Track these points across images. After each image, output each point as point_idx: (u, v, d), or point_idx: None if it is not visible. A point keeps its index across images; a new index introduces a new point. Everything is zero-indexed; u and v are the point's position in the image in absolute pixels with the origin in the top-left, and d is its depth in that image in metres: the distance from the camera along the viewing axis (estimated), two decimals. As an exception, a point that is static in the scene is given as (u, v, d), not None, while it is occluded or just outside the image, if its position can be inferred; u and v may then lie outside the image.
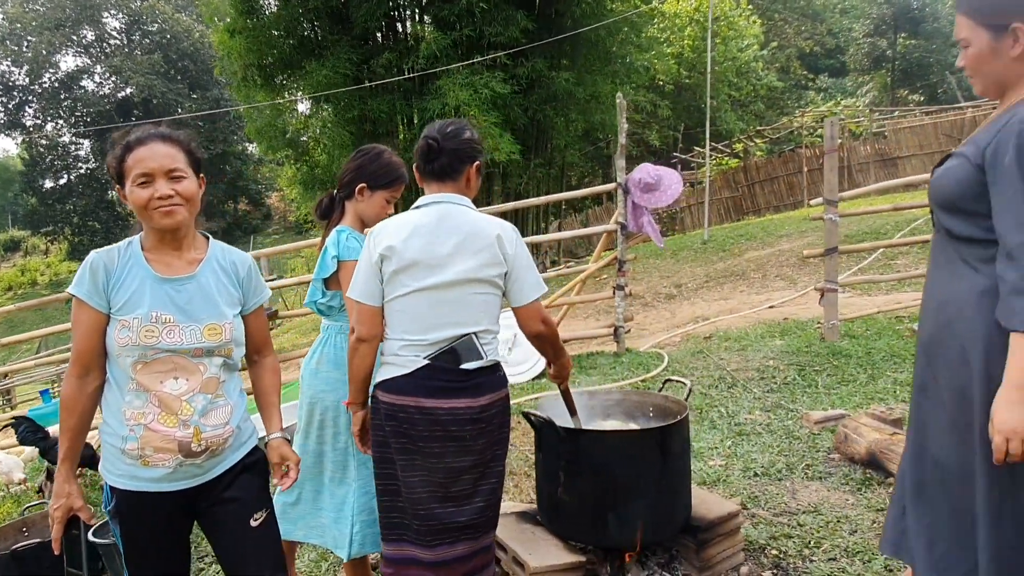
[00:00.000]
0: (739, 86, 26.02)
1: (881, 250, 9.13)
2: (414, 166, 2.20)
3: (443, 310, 2.00)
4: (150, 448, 1.80)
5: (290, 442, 2.05)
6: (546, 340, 2.16)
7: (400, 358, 2.02)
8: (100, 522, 3.20)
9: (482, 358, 2.02)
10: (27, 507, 4.04)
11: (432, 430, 1.97)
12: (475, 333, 2.02)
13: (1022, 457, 1.55)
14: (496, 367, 2.08)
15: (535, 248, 15.10)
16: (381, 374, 2.07)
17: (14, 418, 4.88)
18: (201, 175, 1.93)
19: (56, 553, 1.86)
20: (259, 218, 41.27)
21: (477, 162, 2.16)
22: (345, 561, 2.47)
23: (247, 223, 38.89)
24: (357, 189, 2.53)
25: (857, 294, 7.74)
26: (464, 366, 1.99)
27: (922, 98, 31.40)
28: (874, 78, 33.91)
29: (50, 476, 4.83)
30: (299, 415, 2.60)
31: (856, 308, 6.72)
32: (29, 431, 4.63)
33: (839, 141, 19.83)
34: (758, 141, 23.96)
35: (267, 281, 7.47)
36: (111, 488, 1.87)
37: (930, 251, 1.90)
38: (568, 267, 11.79)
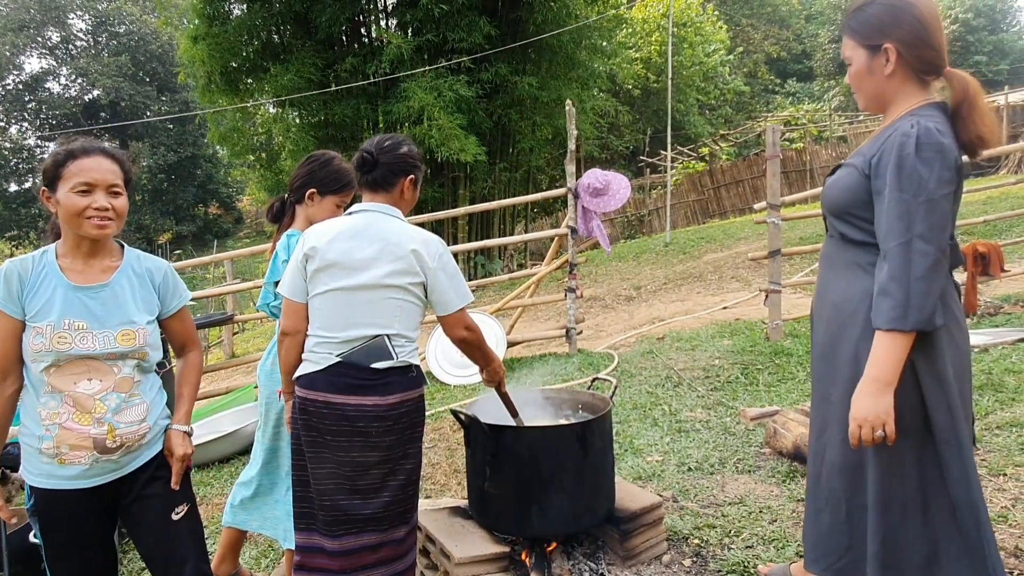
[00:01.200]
0: (706, 90, 26.38)
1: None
2: (354, 187, 2.34)
3: (356, 311, 2.08)
4: (65, 446, 1.86)
5: (189, 435, 2.08)
6: (472, 345, 2.27)
7: (315, 354, 2.11)
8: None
9: (392, 358, 2.09)
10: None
11: (340, 425, 2.04)
12: (388, 335, 2.10)
13: (872, 443, 1.71)
14: (409, 368, 2.15)
15: (501, 250, 15.19)
16: (299, 369, 2.15)
17: None
18: (127, 192, 2.00)
19: None
20: (230, 222, 40.83)
21: (412, 176, 2.26)
22: (289, 549, 2.59)
23: (218, 227, 38.46)
24: (307, 194, 2.61)
25: (807, 294, 7.95)
26: (374, 365, 2.07)
27: (886, 103, 32.05)
28: (840, 83, 34.52)
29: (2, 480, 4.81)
30: (259, 412, 2.71)
31: (803, 308, 6.91)
32: None
33: (802, 145, 20.09)
34: (724, 145, 24.31)
35: (230, 284, 7.45)
36: (31, 488, 1.92)
37: (821, 256, 2.04)
38: (535, 269, 11.91)
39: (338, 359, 2.07)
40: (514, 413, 2.64)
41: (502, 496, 2.57)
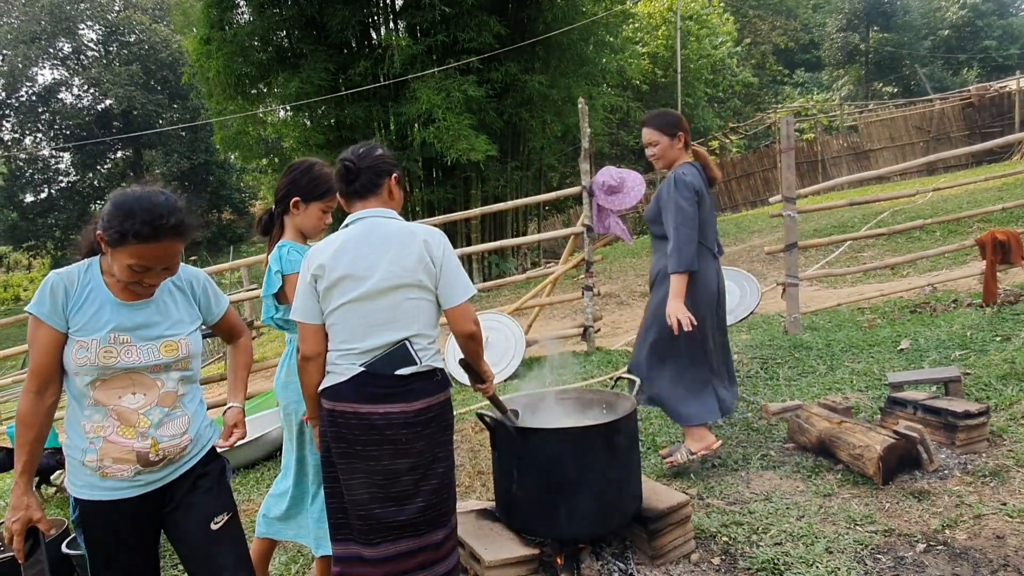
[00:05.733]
0: (715, 83, 26.24)
1: (848, 243, 9.30)
2: (337, 192, 2.31)
3: (375, 318, 2.09)
4: (109, 459, 1.88)
5: (244, 413, 2.27)
6: (478, 342, 2.24)
7: (338, 366, 2.12)
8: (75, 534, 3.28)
9: (416, 364, 2.10)
10: None
11: (368, 434, 2.05)
12: (408, 339, 2.10)
13: (679, 326, 3.19)
14: (432, 373, 2.15)
15: (515, 250, 15.20)
16: (324, 382, 2.16)
17: None
18: None
19: (21, 562, 1.91)
20: (243, 227, 41.05)
21: (395, 174, 2.27)
22: (320, 557, 2.62)
23: (231, 232, 38.68)
24: (292, 203, 2.61)
25: (824, 287, 7.91)
26: (398, 372, 2.08)
27: (896, 90, 31.79)
28: (849, 72, 34.28)
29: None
30: (282, 424, 2.74)
31: (821, 301, 6.89)
32: (6, 457, 4.69)
33: (812, 136, 19.93)
34: (734, 137, 24.19)
35: (247, 290, 7.46)
36: (76, 499, 1.94)
37: (653, 247, 3.57)
38: (549, 268, 11.90)
39: (362, 368, 2.08)
40: (504, 411, 2.60)
41: (530, 498, 2.58)
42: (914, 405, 3.53)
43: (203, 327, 2.14)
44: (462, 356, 2.28)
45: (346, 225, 2.21)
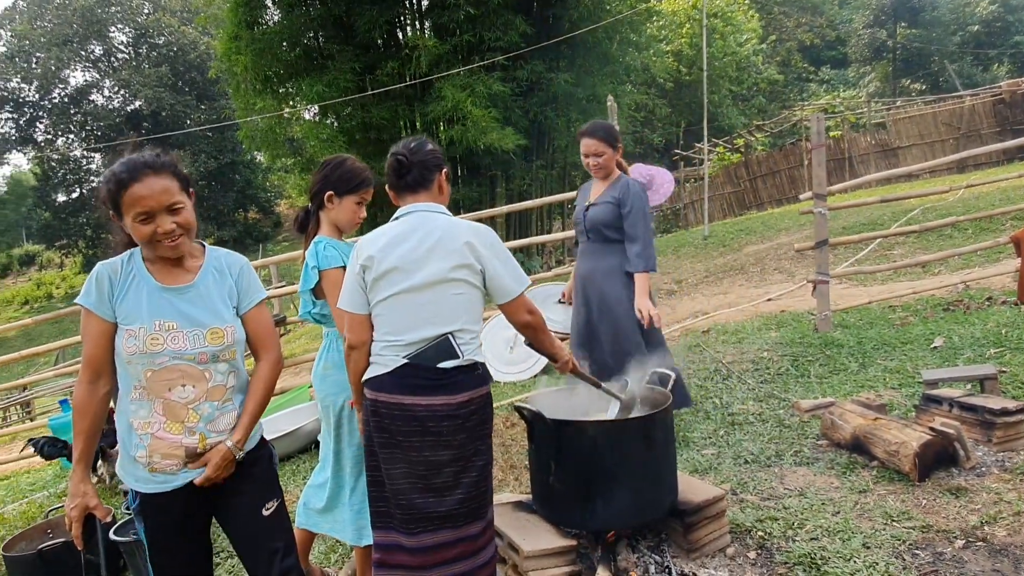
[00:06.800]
0: (740, 80, 26.06)
1: (878, 241, 9.21)
2: (387, 185, 2.34)
3: (420, 311, 2.12)
4: (157, 455, 1.93)
5: (235, 459, 2.01)
6: (536, 329, 2.30)
7: (382, 357, 2.16)
8: (121, 521, 3.37)
9: (458, 357, 2.13)
10: (51, 510, 4.22)
11: (411, 426, 2.09)
12: (452, 333, 2.13)
13: (649, 320, 3.52)
14: (474, 367, 2.18)
15: (540, 248, 15.22)
16: (367, 372, 2.20)
17: (30, 439, 5.07)
18: (191, 190, 2.00)
19: (80, 548, 1.96)
20: (269, 226, 41.53)
21: (444, 169, 2.32)
22: (360, 547, 2.67)
23: (258, 231, 39.15)
24: (326, 197, 2.65)
25: (854, 285, 7.84)
26: (440, 365, 2.11)
27: (924, 87, 31.29)
28: (876, 68, 33.80)
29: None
30: (320, 416, 2.78)
31: (851, 298, 6.83)
32: (50, 446, 4.83)
33: (839, 133, 19.72)
34: (759, 135, 23.99)
35: (276, 287, 7.59)
36: (133, 490, 1.99)
37: (582, 252, 3.84)
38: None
39: (405, 360, 2.12)
40: (597, 385, 2.70)
41: (567, 490, 2.61)
42: (950, 402, 3.51)
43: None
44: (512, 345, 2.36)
45: (396, 218, 2.25)
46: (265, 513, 2.08)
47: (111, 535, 3.28)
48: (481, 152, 12.38)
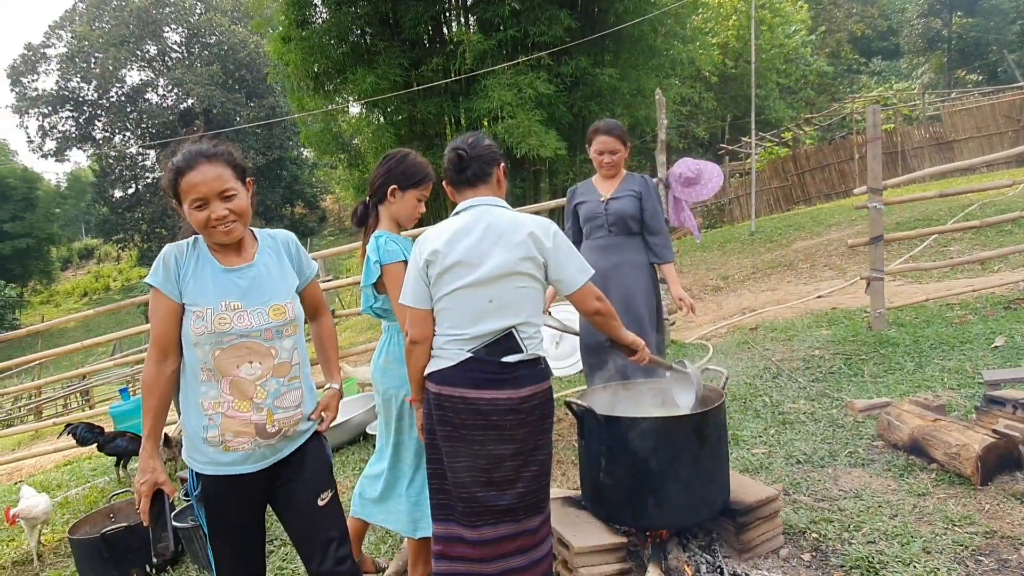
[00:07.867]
0: (787, 73, 25.49)
1: (934, 237, 8.93)
2: (444, 181, 2.36)
3: (485, 305, 2.13)
4: (230, 433, 1.98)
5: (341, 396, 2.35)
6: (607, 316, 2.30)
7: (446, 351, 2.17)
8: (180, 508, 3.48)
9: (522, 352, 2.14)
10: (113, 495, 4.36)
11: (474, 419, 2.11)
12: (515, 327, 2.14)
13: (690, 305, 3.69)
14: (537, 361, 2.20)
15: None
16: (430, 366, 2.22)
17: (67, 424, 5.23)
18: (248, 179, 2.06)
19: (146, 525, 2.00)
20: (315, 220, 42.28)
21: (502, 164, 2.34)
22: (414, 539, 2.70)
23: (304, 226, 39.87)
24: (388, 191, 2.68)
25: (908, 282, 7.62)
26: (505, 359, 2.13)
27: (981, 78, 30.13)
28: (930, 59, 32.68)
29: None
30: (378, 408, 2.81)
31: (906, 296, 6.64)
32: (86, 432, 4.99)
33: (892, 126, 19.14)
34: (807, 129, 23.43)
35: (323, 282, 7.70)
36: (196, 475, 2.04)
37: (607, 244, 3.72)
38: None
39: (469, 354, 2.13)
40: (669, 368, 2.72)
41: (617, 487, 2.59)
42: (1014, 404, 3.38)
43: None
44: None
45: (456, 212, 2.26)
46: (320, 503, 2.12)
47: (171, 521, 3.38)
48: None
